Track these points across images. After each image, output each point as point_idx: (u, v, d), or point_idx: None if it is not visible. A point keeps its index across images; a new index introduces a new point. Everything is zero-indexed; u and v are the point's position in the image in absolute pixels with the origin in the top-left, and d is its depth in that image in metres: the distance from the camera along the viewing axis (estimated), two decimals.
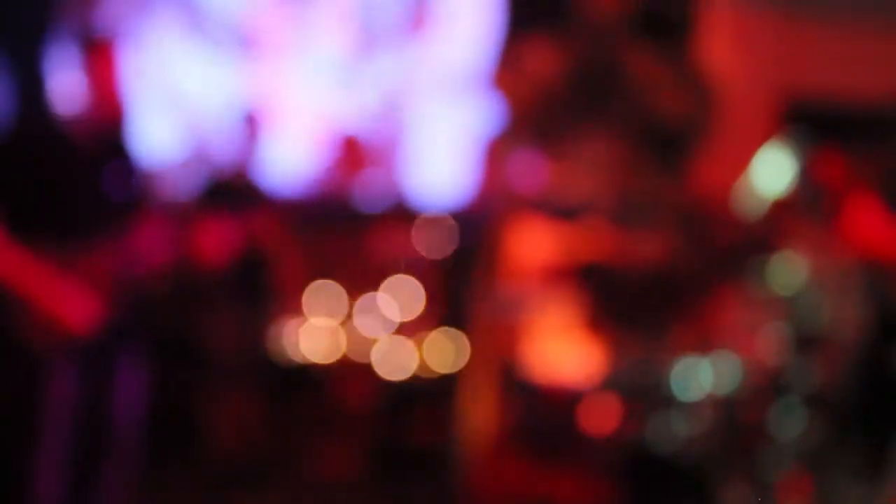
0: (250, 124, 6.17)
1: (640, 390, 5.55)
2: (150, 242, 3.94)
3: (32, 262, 3.72)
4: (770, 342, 5.32)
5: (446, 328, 6.41)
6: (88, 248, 3.82)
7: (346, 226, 6.33)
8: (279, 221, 6.07)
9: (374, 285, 6.40)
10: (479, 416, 5.98)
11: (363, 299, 6.38)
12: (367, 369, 6.29)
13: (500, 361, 6.01)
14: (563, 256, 6.36)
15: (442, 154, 6.96)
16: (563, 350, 6.03)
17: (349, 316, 6.36)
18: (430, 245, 6.50)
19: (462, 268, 6.38)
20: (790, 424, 5.18)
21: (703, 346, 5.59)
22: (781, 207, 5.31)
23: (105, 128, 3.98)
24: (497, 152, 6.88)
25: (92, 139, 3.95)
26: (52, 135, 3.93)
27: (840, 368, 5.08)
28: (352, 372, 6.30)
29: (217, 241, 4.13)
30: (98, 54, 3.92)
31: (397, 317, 6.40)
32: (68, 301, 3.74)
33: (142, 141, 4.44)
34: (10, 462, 3.76)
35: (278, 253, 6.10)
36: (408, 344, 6.40)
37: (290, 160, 6.79)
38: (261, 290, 6.16)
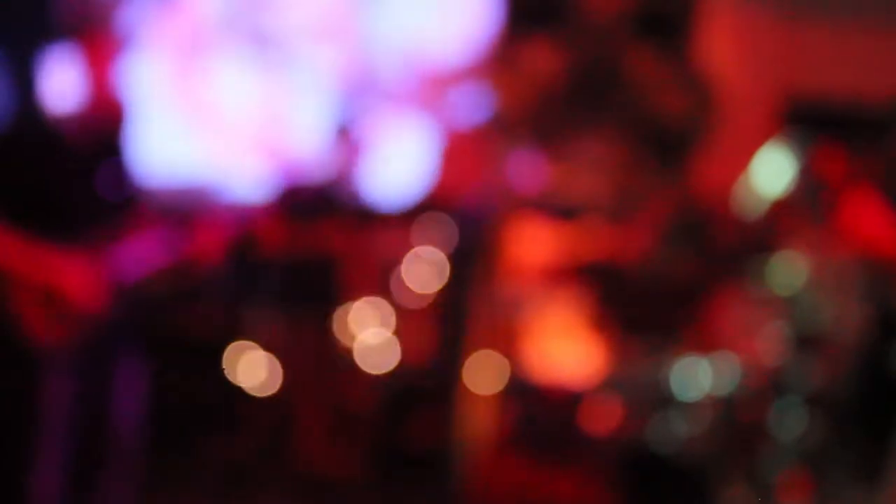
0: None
1: (640, 390, 5.55)
2: (148, 241, 3.92)
3: (31, 247, 3.71)
4: (770, 342, 5.32)
5: (446, 327, 6.40)
6: (83, 247, 3.80)
7: (346, 224, 6.33)
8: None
9: (373, 284, 6.40)
10: (480, 416, 5.97)
11: (363, 297, 6.38)
12: (365, 368, 6.29)
13: (500, 361, 6.01)
14: (564, 256, 6.36)
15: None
16: (563, 350, 6.03)
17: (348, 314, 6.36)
18: (432, 243, 6.50)
19: (462, 267, 6.38)
20: (790, 424, 5.18)
21: (703, 345, 5.60)
22: (781, 207, 5.31)
23: (100, 126, 3.95)
24: (497, 151, 6.88)
25: (87, 137, 3.92)
26: (44, 133, 3.89)
27: (840, 368, 5.08)
28: (351, 371, 6.30)
29: (215, 241, 4.11)
30: (95, 50, 3.89)
31: (397, 315, 6.40)
32: (72, 276, 3.72)
33: (146, 147, 4.42)
34: (8, 465, 3.75)
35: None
36: (407, 343, 6.40)
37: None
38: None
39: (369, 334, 6.29)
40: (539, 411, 5.86)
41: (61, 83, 3.91)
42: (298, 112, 7.10)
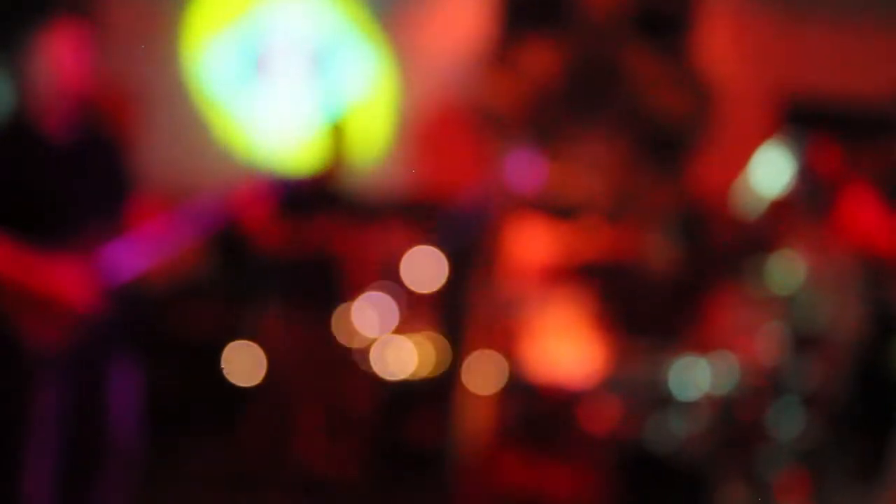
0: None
1: (639, 390, 5.54)
2: (141, 238, 3.89)
3: (21, 249, 3.68)
4: (768, 342, 5.31)
5: (445, 327, 6.40)
6: (73, 248, 3.77)
7: (345, 222, 6.33)
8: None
9: (373, 283, 6.39)
10: (478, 415, 5.97)
11: (362, 296, 6.38)
12: (364, 367, 6.29)
13: (499, 360, 6.01)
14: (562, 255, 6.35)
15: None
16: (562, 349, 6.02)
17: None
18: (431, 242, 6.50)
19: (462, 266, 6.38)
20: (788, 424, 5.17)
21: (702, 345, 5.58)
22: (780, 206, 5.29)
23: (88, 121, 3.89)
24: (496, 150, 6.88)
25: (73, 133, 3.87)
26: (28, 130, 3.83)
27: (838, 368, 5.07)
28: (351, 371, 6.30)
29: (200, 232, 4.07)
30: (64, 37, 3.80)
31: (396, 315, 6.40)
32: (64, 278, 3.69)
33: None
34: (1, 469, 3.72)
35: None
36: (406, 343, 6.39)
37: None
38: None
39: (369, 333, 6.29)
40: (538, 411, 5.85)
41: (43, 78, 3.83)
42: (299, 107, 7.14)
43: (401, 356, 6.38)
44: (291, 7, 7.35)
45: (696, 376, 5.40)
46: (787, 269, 5.31)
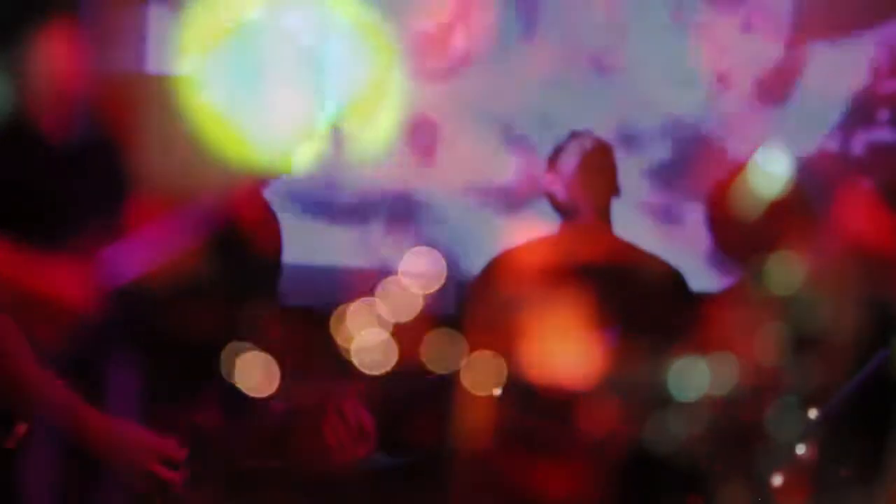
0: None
1: (639, 390, 5.55)
2: (142, 239, 3.88)
3: (17, 250, 3.66)
4: (769, 342, 5.31)
5: (444, 327, 6.39)
6: (72, 248, 3.75)
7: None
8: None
9: (371, 283, 6.39)
10: (478, 415, 5.97)
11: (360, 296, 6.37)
12: (363, 369, 6.27)
13: (497, 361, 6.00)
14: (563, 256, 6.35)
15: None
16: (561, 350, 6.02)
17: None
18: (430, 242, 6.50)
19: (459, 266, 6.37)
20: (788, 424, 5.17)
21: (702, 345, 5.58)
22: (780, 206, 5.30)
23: (80, 116, 3.87)
24: (495, 149, 6.88)
25: (73, 132, 3.85)
26: (25, 129, 3.82)
27: (838, 368, 5.07)
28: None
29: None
30: (64, 37, 3.80)
31: (395, 314, 6.39)
32: (62, 279, 3.68)
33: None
34: None
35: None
36: (404, 342, 6.38)
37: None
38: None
39: (367, 334, 6.28)
40: (537, 412, 5.85)
41: (43, 78, 3.82)
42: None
43: (399, 356, 6.37)
44: (291, 6, 7.32)
45: (696, 377, 5.40)
46: (787, 269, 5.31)
